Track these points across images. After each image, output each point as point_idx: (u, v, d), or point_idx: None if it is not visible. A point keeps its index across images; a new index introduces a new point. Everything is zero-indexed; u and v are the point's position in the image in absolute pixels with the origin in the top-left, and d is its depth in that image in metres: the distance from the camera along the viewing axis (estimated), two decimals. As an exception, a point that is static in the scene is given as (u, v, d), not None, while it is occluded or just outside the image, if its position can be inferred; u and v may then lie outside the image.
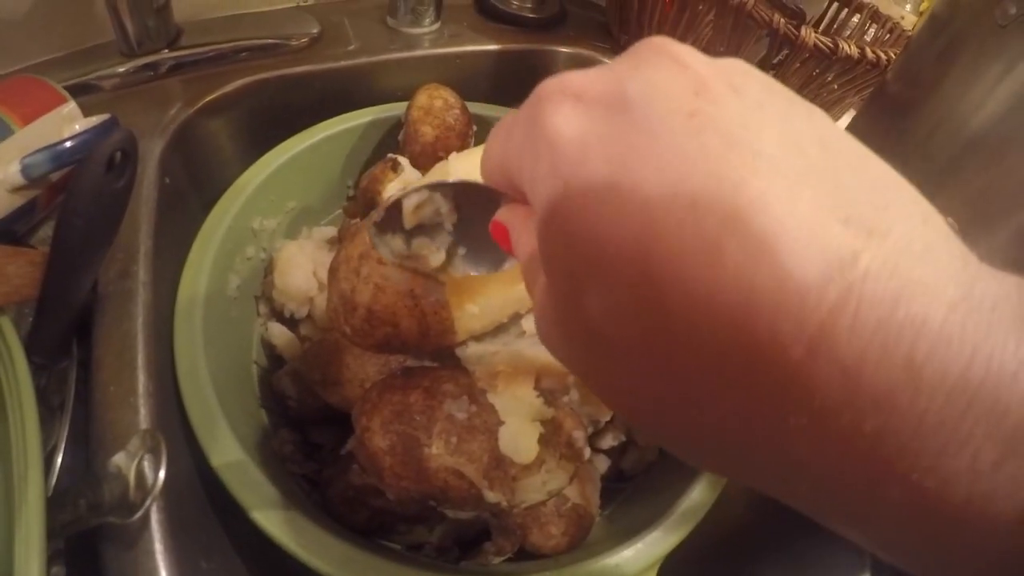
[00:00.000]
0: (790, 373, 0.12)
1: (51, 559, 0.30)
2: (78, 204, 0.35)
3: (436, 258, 0.25)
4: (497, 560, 0.39)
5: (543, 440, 0.32)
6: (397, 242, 0.25)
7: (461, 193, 0.23)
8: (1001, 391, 0.11)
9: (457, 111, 0.52)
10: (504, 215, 0.20)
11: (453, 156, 0.31)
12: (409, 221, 0.24)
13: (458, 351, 0.34)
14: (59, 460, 0.35)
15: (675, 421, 0.15)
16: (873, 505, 0.12)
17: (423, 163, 0.48)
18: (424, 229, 0.25)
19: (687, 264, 0.12)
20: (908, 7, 0.83)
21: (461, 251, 0.25)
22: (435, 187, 0.23)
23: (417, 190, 0.24)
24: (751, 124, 0.13)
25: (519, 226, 0.19)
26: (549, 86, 0.17)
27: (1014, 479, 0.11)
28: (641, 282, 0.13)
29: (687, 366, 0.13)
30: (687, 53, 0.15)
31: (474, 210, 0.23)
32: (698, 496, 0.40)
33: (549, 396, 0.33)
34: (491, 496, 0.32)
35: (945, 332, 0.11)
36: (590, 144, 0.14)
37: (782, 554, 0.46)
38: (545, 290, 0.16)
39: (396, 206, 0.24)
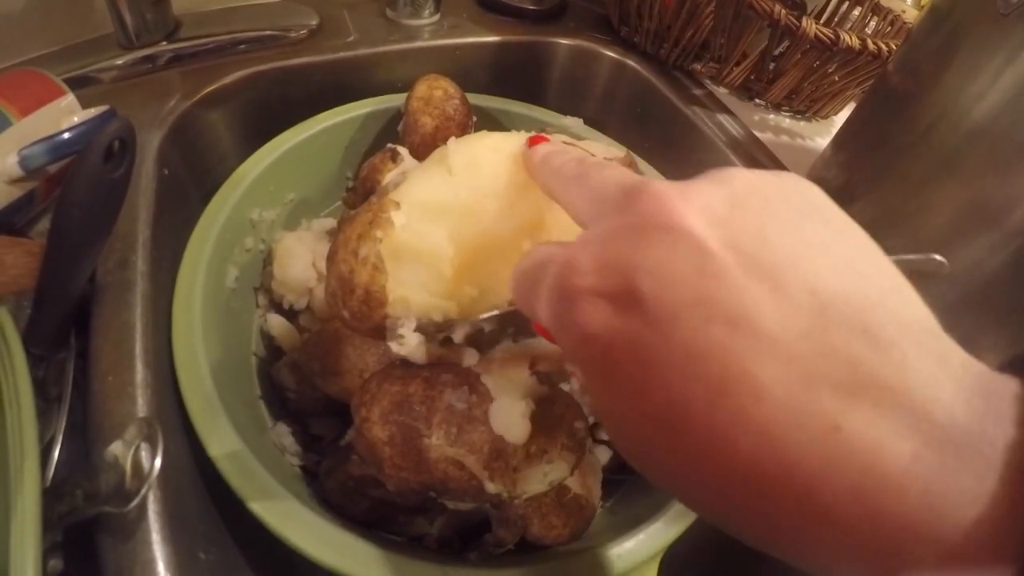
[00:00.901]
0: (782, 520, 0.15)
1: (49, 551, 0.30)
2: (75, 193, 0.35)
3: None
4: (498, 551, 0.39)
5: (545, 430, 0.32)
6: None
7: (503, 317, 0.30)
8: (944, 524, 0.13)
9: (457, 101, 0.52)
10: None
11: (452, 141, 0.31)
12: (459, 340, 0.31)
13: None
14: (57, 451, 0.35)
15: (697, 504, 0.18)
16: None
17: (423, 153, 0.48)
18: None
19: (706, 450, 0.16)
20: (909, 0, 0.83)
21: (510, 329, 0.32)
22: (480, 321, 0.31)
23: (461, 324, 0.30)
24: (749, 295, 0.16)
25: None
26: (567, 277, 0.19)
27: None
28: (669, 459, 0.17)
29: (699, 490, 0.17)
30: (685, 212, 0.17)
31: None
32: (700, 487, 0.39)
33: (545, 379, 0.33)
34: (492, 487, 0.31)
35: (903, 486, 0.14)
36: (615, 345, 0.17)
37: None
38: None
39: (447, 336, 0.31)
